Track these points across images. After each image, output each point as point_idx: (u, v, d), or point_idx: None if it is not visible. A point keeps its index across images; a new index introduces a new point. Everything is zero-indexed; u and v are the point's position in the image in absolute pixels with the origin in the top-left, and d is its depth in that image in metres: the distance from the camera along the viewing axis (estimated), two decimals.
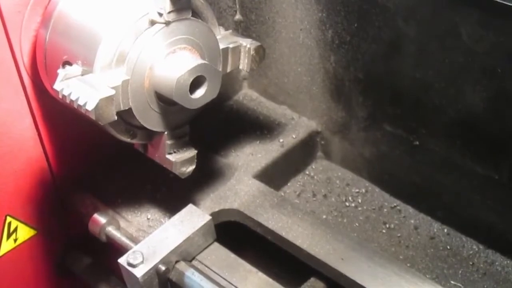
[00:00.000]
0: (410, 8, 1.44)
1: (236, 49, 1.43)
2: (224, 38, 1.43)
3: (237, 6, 1.84)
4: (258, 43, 1.44)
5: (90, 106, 1.17)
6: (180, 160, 1.38)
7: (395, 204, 1.75)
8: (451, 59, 1.42)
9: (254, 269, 1.38)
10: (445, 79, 1.47)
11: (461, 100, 1.46)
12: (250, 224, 1.51)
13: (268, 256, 1.53)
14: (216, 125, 1.86)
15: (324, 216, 1.71)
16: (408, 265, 1.56)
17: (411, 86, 1.56)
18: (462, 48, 1.38)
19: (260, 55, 1.45)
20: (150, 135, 1.38)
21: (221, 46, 1.40)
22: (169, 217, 1.43)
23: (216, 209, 1.52)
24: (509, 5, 1.25)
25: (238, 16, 1.85)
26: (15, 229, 1.56)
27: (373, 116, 1.69)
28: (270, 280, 1.36)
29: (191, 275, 1.33)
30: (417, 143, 1.62)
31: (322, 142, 1.89)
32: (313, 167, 1.89)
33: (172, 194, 1.57)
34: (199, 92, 1.29)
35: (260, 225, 1.48)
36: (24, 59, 1.39)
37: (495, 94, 1.40)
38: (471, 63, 1.39)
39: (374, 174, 1.79)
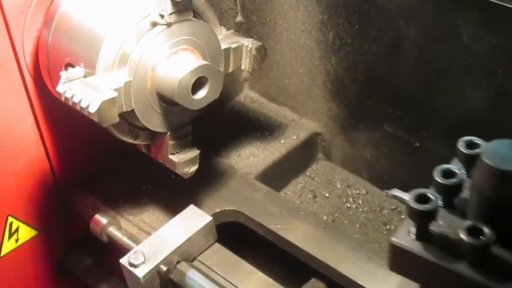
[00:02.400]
0: (410, 9, 1.45)
1: (238, 49, 1.43)
2: (226, 38, 1.43)
3: (238, 8, 1.84)
4: (260, 43, 1.45)
5: (92, 109, 1.17)
6: (183, 160, 1.38)
7: (395, 206, 1.75)
8: (452, 60, 1.43)
9: (255, 270, 1.38)
10: (445, 80, 1.47)
11: (462, 101, 1.46)
12: (251, 225, 1.51)
13: (269, 257, 1.53)
14: (217, 126, 1.86)
15: (325, 217, 1.72)
16: None
17: (411, 87, 1.56)
18: (462, 49, 1.38)
19: (261, 54, 1.45)
20: (153, 135, 1.39)
21: (223, 46, 1.40)
22: (171, 218, 1.43)
23: (217, 210, 1.52)
24: (509, 7, 1.26)
25: (239, 18, 1.85)
26: (17, 229, 1.56)
27: (373, 117, 1.70)
28: (271, 280, 1.36)
29: (192, 275, 1.33)
30: (418, 144, 1.62)
31: (323, 143, 1.89)
32: (314, 168, 1.90)
33: (173, 195, 1.57)
34: (201, 93, 1.29)
35: (261, 225, 1.48)
36: (27, 59, 1.39)
37: (495, 95, 1.40)
38: (471, 64, 1.39)
39: (375, 175, 1.80)
